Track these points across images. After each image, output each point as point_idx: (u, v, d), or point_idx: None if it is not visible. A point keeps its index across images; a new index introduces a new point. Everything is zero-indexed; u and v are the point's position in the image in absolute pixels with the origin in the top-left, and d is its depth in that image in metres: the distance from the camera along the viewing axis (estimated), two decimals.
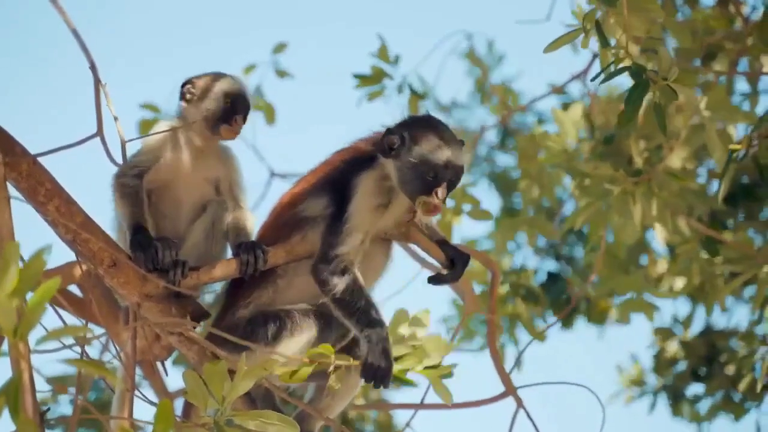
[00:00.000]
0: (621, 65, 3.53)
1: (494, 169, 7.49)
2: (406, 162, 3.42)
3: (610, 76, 3.53)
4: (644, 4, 3.52)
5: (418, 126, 3.49)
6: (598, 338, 7.21)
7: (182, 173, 3.64)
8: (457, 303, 7.00)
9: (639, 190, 4.67)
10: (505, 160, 7.60)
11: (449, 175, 3.40)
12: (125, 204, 3.51)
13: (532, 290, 6.36)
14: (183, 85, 3.68)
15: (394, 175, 3.47)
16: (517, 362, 4.53)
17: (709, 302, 5.57)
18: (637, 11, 3.53)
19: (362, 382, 3.28)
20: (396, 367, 3.25)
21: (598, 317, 6.94)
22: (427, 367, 3.21)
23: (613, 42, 3.55)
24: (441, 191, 3.38)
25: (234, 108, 3.62)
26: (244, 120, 3.66)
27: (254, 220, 3.68)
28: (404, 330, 3.30)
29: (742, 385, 5.41)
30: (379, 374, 3.25)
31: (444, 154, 3.40)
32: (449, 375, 3.19)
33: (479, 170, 7.52)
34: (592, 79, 3.60)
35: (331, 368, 3.20)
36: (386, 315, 3.40)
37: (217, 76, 3.68)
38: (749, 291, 6.23)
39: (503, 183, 7.17)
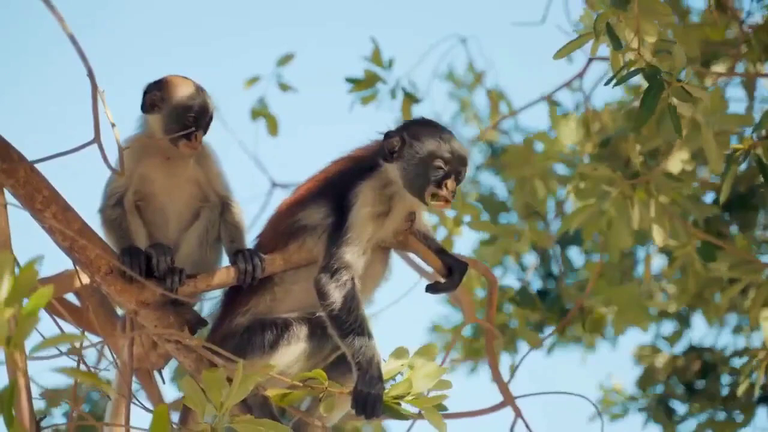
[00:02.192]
0: (634, 68, 3.51)
1: (480, 191, 7.48)
2: (410, 159, 3.44)
3: (623, 79, 3.51)
4: (655, 7, 3.51)
5: (417, 125, 3.53)
6: (587, 353, 7.20)
7: (159, 182, 3.62)
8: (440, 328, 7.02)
9: (637, 194, 4.66)
10: (492, 181, 7.61)
11: (456, 165, 3.43)
12: (111, 236, 3.52)
13: (527, 295, 6.34)
14: (145, 93, 3.60)
15: (399, 177, 3.48)
16: (513, 372, 4.52)
17: (708, 311, 5.56)
18: (649, 14, 3.51)
19: (353, 412, 3.25)
20: (387, 394, 3.21)
21: (592, 326, 6.94)
22: (419, 397, 3.17)
23: (623, 46, 3.54)
24: (450, 182, 3.42)
25: (194, 122, 3.55)
26: (206, 132, 3.61)
27: (244, 214, 3.67)
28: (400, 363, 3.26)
29: (740, 390, 5.41)
30: (369, 401, 3.23)
31: (448, 145, 3.43)
32: (443, 407, 3.14)
33: (465, 192, 7.50)
34: (606, 83, 3.58)
35: (323, 394, 3.19)
36: (385, 324, 3.39)
37: (178, 86, 3.58)
38: (741, 319, 6.25)
39: (490, 204, 7.16)
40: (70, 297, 4.33)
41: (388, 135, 3.50)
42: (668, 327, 6.78)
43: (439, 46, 6.61)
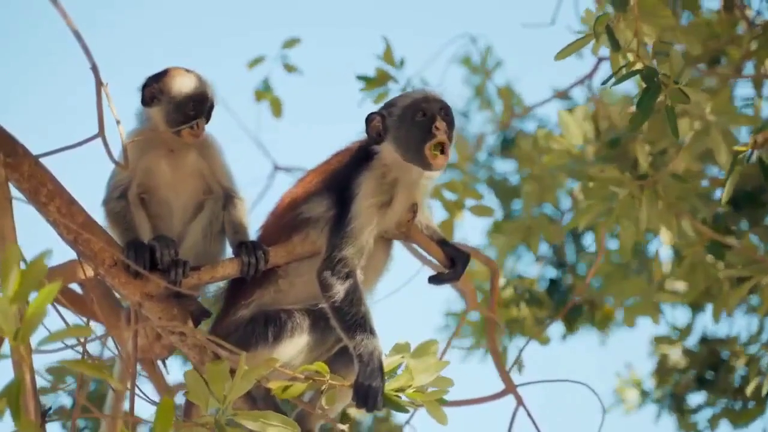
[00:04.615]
0: (632, 69, 3.52)
1: (494, 175, 7.47)
2: (395, 126, 3.50)
3: (621, 80, 3.53)
4: (655, 10, 3.52)
5: (391, 99, 3.63)
6: (601, 345, 7.20)
7: (162, 175, 3.64)
8: (450, 313, 7.01)
9: (645, 194, 4.66)
10: (505, 166, 7.60)
11: (436, 108, 3.49)
12: (115, 229, 3.54)
13: (535, 293, 6.35)
14: (144, 87, 3.64)
15: (395, 151, 3.51)
16: (516, 362, 4.53)
17: (717, 308, 5.55)
18: (648, 16, 3.52)
19: (354, 405, 3.28)
20: (388, 386, 3.23)
21: (601, 322, 6.93)
22: (420, 390, 3.19)
23: (621, 48, 3.55)
24: (439, 122, 3.46)
25: (195, 111, 3.59)
26: (208, 119, 3.64)
27: (248, 207, 3.69)
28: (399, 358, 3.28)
29: (750, 388, 5.40)
30: (371, 394, 3.24)
31: (420, 95, 3.53)
32: (444, 401, 3.16)
33: (479, 177, 7.50)
34: (603, 83, 3.60)
35: (325, 386, 3.20)
36: (387, 313, 3.40)
37: (177, 76, 3.61)
38: (752, 299, 6.21)
39: (503, 190, 7.15)
40: (73, 286, 4.34)
41: (368, 119, 3.55)
42: (681, 317, 6.76)
43: (450, 46, 6.63)
